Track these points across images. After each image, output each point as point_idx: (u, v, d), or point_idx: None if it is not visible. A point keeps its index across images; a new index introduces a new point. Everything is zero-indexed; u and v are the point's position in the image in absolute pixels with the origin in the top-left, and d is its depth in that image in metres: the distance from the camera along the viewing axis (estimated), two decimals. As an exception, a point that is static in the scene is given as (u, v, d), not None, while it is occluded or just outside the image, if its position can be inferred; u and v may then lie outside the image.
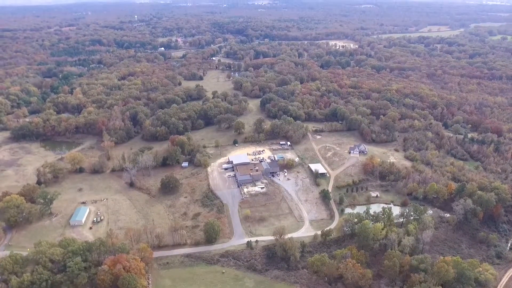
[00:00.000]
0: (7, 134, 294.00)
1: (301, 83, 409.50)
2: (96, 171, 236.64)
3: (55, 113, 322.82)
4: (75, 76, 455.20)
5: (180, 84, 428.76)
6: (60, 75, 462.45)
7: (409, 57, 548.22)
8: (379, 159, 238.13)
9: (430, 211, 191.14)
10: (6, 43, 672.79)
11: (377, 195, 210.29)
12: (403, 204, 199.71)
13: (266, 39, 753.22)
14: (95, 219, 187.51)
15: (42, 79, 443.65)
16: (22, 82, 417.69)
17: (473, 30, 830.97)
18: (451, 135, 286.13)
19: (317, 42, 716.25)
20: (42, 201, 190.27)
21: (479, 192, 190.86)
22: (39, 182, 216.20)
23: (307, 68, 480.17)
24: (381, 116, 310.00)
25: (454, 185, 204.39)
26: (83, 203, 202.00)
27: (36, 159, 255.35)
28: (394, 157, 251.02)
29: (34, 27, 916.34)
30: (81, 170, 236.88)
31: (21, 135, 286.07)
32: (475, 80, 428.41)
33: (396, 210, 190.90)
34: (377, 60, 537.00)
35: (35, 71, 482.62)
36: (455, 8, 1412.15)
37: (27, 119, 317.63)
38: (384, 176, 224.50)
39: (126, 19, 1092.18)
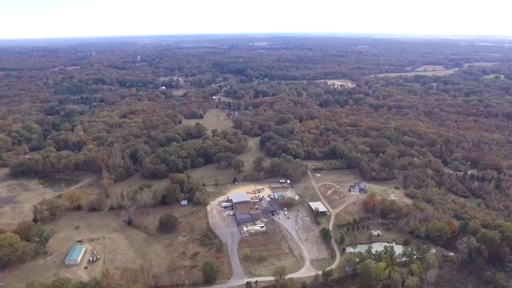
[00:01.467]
0: (6, 170, 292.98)
1: (300, 121, 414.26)
2: (94, 208, 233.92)
3: (55, 150, 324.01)
4: (77, 114, 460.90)
5: (180, 122, 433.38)
6: (62, 113, 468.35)
7: (406, 96, 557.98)
8: (379, 197, 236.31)
9: (433, 250, 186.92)
10: (12, 81, 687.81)
11: (378, 234, 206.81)
12: (406, 243, 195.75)
13: (265, 79, 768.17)
14: (91, 258, 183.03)
15: (44, 116, 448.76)
16: (25, 119, 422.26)
17: (467, 70, 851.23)
18: (451, 172, 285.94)
19: (316, 81, 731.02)
20: (37, 239, 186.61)
21: (482, 230, 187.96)
22: (35, 220, 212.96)
23: (306, 106, 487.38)
24: (380, 153, 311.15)
25: (456, 223, 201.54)
26: (80, 241, 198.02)
27: (34, 196, 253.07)
28: (394, 195, 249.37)
29: (40, 67, 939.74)
30: (79, 208, 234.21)
31: (20, 172, 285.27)
32: (472, 118, 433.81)
33: (398, 249, 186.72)
34: (375, 98, 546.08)
35: (38, 108, 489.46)
36: (448, 48, 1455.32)
37: (27, 156, 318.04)
38: (385, 214, 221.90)
39: (129, 59, 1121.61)
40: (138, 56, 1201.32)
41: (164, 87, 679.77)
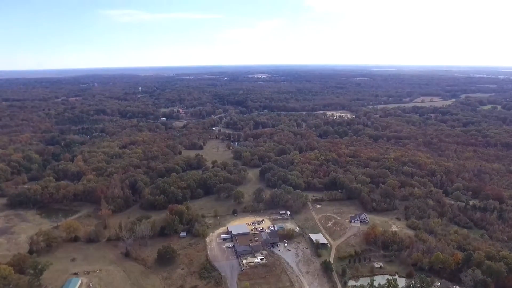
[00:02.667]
0: (4, 200, 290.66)
1: (300, 152, 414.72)
2: (91, 240, 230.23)
3: (54, 180, 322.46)
4: (77, 144, 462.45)
5: (180, 153, 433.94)
6: (63, 143, 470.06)
7: (405, 126, 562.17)
8: (381, 228, 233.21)
9: (437, 283, 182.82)
10: (14, 112, 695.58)
11: (380, 266, 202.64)
12: (409, 276, 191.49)
13: (265, 110, 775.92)
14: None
15: (45, 146, 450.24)
16: (25, 149, 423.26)
17: (464, 100, 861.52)
18: (452, 202, 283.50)
19: (315, 112, 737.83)
20: (31, 271, 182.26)
21: (487, 262, 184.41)
22: (31, 251, 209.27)
23: (306, 138, 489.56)
24: (381, 184, 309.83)
25: (460, 255, 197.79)
26: (75, 274, 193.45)
27: (30, 227, 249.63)
28: (396, 226, 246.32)
29: (43, 97, 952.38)
30: (76, 239, 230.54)
31: (18, 202, 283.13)
32: (471, 148, 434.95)
33: (401, 282, 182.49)
34: (374, 129, 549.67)
35: (39, 138, 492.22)
36: (445, 80, 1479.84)
37: (25, 186, 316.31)
38: (387, 246, 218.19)
39: (131, 90, 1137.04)
40: (140, 88, 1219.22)
41: (164, 118, 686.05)
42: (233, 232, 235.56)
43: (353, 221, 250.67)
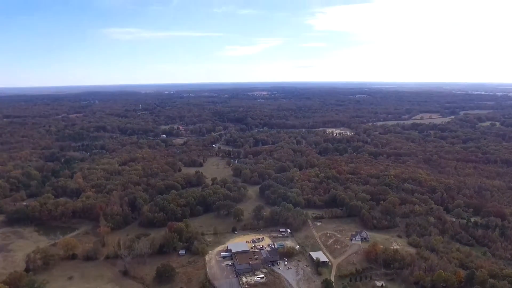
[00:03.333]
0: (2, 217, 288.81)
1: (300, 169, 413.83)
2: (89, 258, 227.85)
3: (53, 197, 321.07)
4: (77, 161, 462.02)
5: (180, 170, 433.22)
6: (63, 160, 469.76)
7: (404, 143, 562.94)
8: (382, 246, 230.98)
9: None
10: (15, 128, 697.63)
11: (382, 285, 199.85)
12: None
13: (265, 128, 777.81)
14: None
15: (44, 163, 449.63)
16: (25, 165, 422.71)
17: (463, 117, 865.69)
18: (454, 219, 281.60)
19: (315, 130, 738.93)
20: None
21: (490, 280, 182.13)
22: (27, 269, 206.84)
23: (306, 155, 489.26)
24: (381, 201, 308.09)
25: (462, 273, 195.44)
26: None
27: (28, 244, 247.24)
28: (397, 244, 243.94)
29: (43, 114, 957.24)
30: (73, 257, 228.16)
31: (16, 219, 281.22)
32: (471, 164, 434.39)
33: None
34: (374, 146, 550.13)
35: (39, 155, 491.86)
36: (443, 97, 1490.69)
37: (24, 203, 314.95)
38: (388, 264, 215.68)
39: (131, 107, 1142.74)
40: (140, 105, 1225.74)
41: (164, 135, 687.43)
42: (233, 250, 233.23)
43: (353, 238, 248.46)
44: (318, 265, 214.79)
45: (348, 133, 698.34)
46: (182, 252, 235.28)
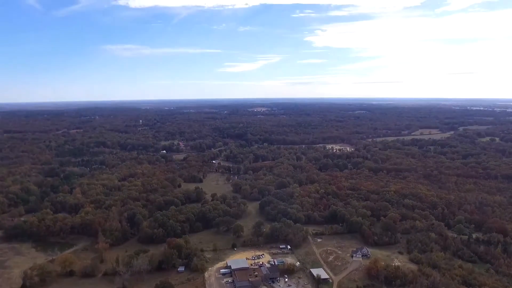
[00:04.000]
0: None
1: (300, 185, 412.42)
2: (87, 274, 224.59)
3: (51, 212, 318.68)
4: (76, 176, 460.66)
5: (180, 186, 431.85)
6: (62, 175, 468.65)
7: (404, 159, 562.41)
8: (383, 263, 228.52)
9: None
10: (15, 143, 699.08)
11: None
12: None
13: (265, 143, 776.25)
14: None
15: (44, 178, 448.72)
16: (24, 181, 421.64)
17: (463, 133, 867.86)
18: (455, 235, 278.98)
19: (315, 146, 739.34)
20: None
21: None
22: (24, 286, 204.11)
23: (306, 171, 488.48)
24: (382, 217, 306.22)
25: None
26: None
27: (25, 260, 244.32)
28: (398, 260, 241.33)
29: (44, 129, 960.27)
30: (71, 273, 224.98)
31: (14, 235, 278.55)
32: (472, 180, 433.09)
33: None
34: (374, 162, 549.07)
35: (38, 170, 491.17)
36: (442, 113, 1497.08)
37: (22, 218, 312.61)
38: (390, 281, 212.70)
39: (131, 123, 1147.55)
40: (140, 120, 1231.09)
41: (164, 151, 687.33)
42: (233, 267, 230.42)
43: (354, 255, 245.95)
44: (318, 282, 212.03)
45: (348, 149, 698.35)
46: (181, 268, 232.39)
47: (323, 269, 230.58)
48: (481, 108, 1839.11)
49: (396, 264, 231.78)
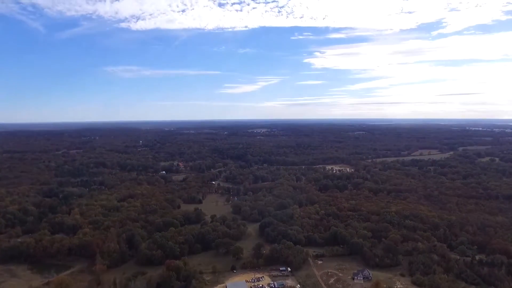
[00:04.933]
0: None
1: (300, 206, 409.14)
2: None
3: (49, 233, 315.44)
4: (75, 197, 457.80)
5: (179, 207, 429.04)
6: (61, 195, 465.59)
7: (404, 179, 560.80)
8: (385, 285, 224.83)
9: None
10: (14, 163, 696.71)
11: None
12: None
13: (264, 164, 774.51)
14: None
15: (42, 198, 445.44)
16: (22, 201, 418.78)
17: (462, 153, 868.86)
18: (458, 257, 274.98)
19: (315, 166, 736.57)
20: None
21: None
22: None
23: (306, 192, 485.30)
24: (383, 239, 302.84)
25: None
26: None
27: (20, 283, 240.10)
28: (400, 283, 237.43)
29: (43, 150, 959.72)
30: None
31: (10, 257, 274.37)
32: (473, 200, 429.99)
33: None
34: (374, 183, 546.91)
35: (37, 190, 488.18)
36: (442, 133, 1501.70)
37: (19, 239, 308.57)
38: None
39: (131, 144, 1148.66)
40: (140, 141, 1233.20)
41: (164, 172, 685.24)
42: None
43: (355, 277, 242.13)
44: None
45: (348, 169, 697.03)
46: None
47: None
48: (480, 129, 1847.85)
49: (398, 286, 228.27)
